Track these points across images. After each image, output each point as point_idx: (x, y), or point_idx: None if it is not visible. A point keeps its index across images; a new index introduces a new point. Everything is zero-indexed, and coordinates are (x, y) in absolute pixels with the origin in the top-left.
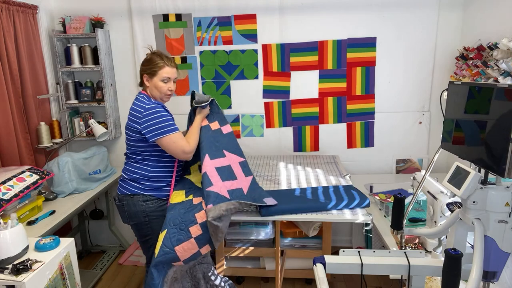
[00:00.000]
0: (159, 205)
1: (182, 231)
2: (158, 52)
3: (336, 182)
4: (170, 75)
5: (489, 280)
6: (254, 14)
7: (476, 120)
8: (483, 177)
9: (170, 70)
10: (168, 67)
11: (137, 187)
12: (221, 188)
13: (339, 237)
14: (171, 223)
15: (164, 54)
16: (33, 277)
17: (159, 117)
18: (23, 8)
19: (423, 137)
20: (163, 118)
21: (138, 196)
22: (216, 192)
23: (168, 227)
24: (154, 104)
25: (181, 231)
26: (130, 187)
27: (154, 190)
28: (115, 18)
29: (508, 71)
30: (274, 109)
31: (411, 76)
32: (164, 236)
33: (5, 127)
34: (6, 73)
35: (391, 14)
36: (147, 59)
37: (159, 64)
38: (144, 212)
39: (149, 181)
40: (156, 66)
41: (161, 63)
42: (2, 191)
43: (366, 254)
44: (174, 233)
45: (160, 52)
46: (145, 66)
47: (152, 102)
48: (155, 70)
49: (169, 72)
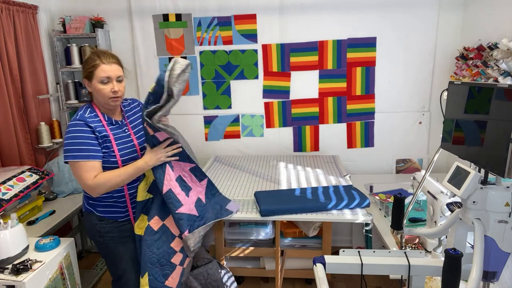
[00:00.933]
0: (115, 226)
1: (166, 266)
2: (97, 50)
3: (336, 182)
4: (110, 73)
5: (489, 280)
6: (254, 14)
7: (476, 120)
8: (483, 177)
9: (108, 67)
10: (104, 65)
11: (92, 204)
12: (190, 206)
13: (339, 237)
14: (148, 264)
15: (103, 50)
16: (33, 277)
17: (73, 137)
18: (23, 8)
19: (423, 137)
20: (77, 140)
21: (92, 215)
22: (187, 214)
23: (148, 269)
24: (74, 122)
25: (164, 267)
26: (86, 204)
27: (107, 212)
28: (115, 18)
29: (508, 71)
30: (274, 109)
31: (411, 76)
32: (149, 279)
33: (5, 127)
34: (6, 73)
35: (391, 14)
36: (84, 60)
37: (93, 63)
38: (99, 232)
39: (100, 202)
40: (91, 66)
41: (96, 61)
42: (2, 191)
43: (366, 254)
44: (158, 271)
45: (100, 50)
46: (83, 70)
47: (77, 118)
48: (91, 70)
49: (106, 70)
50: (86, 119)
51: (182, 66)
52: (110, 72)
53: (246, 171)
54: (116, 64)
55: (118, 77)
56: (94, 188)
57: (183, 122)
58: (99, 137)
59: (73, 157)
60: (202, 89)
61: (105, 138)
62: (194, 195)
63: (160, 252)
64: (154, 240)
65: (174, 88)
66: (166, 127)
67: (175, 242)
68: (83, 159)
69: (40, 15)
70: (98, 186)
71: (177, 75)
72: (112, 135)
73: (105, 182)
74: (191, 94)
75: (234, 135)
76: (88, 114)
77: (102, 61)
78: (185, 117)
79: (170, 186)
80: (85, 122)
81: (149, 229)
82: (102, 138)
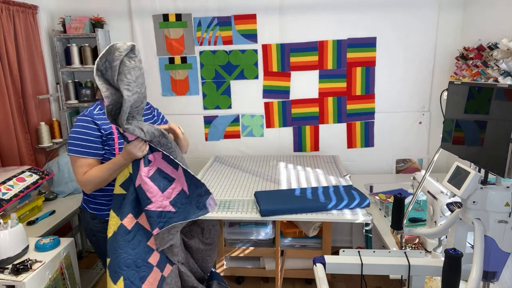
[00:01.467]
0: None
1: (143, 267)
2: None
3: (336, 182)
4: None
5: (489, 280)
6: (254, 14)
7: (476, 120)
8: (483, 177)
9: None
10: None
11: (86, 201)
12: (163, 202)
13: (339, 237)
14: (124, 267)
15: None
16: (33, 277)
17: (76, 132)
18: (23, 8)
19: (423, 137)
20: (79, 136)
21: (86, 213)
22: (158, 211)
23: (123, 272)
24: (82, 117)
25: (141, 268)
26: (82, 201)
27: (98, 210)
28: (115, 18)
29: (508, 71)
30: (274, 109)
31: (411, 76)
32: (124, 284)
33: (5, 127)
34: (6, 73)
35: (391, 14)
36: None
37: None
38: (92, 231)
39: (90, 198)
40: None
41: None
42: (2, 191)
43: (366, 254)
44: (134, 274)
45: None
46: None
47: (86, 114)
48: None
49: None
50: (93, 115)
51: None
52: None
53: (246, 171)
54: None
55: None
56: (84, 185)
57: (183, 122)
58: (104, 135)
59: (72, 151)
60: (202, 89)
61: (110, 135)
62: (178, 186)
63: (136, 252)
64: (128, 240)
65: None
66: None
67: (151, 241)
68: (81, 155)
69: (40, 15)
70: (87, 182)
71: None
72: (117, 133)
73: (92, 179)
74: (191, 94)
75: (234, 135)
76: (97, 111)
77: None
78: (185, 117)
79: (141, 182)
80: (92, 119)
81: (122, 229)
82: (107, 136)
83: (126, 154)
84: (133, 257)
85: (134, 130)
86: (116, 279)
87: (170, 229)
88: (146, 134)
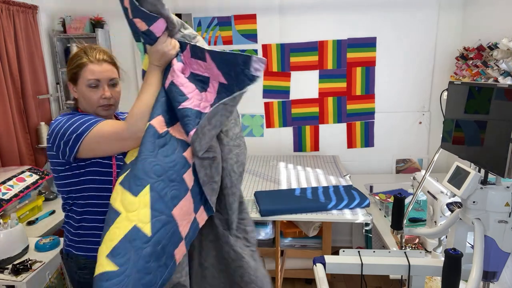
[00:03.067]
0: None
1: (175, 183)
2: (85, 46)
3: (336, 182)
4: (99, 75)
5: (489, 280)
6: (254, 14)
7: (476, 120)
8: (483, 177)
9: (97, 67)
10: (93, 64)
11: (70, 240)
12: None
13: (339, 237)
14: (151, 174)
15: (93, 46)
16: (33, 277)
17: (69, 119)
18: (23, 8)
19: (423, 137)
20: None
21: (70, 259)
22: (196, 110)
23: (150, 181)
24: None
25: (174, 184)
26: (64, 244)
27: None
28: (115, 18)
29: (508, 71)
30: (274, 109)
31: (411, 76)
32: (151, 197)
33: (5, 127)
34: (6, 73)
35: (391, 14)
36: (69, 58)
37: (79, 61)
38: (79, 284)
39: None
40: (76, 66)
41: (83, 58)
42: (2, 191)
43: (366, 254)
44: (164, 188)
45: (89, 45)
46: (67, 70)
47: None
48: (76, 71)
49: (95, 71)
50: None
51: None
52: (100, 74)
53: (246, 171)
54: (108, 64)
55: (111, 79)
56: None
57: None
58: None
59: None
60: None
61: None
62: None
63: (171, 160)
64: (159, 145)
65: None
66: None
67: (188, 152)
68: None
69: (40, 15)
70: (134, 120)
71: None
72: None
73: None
74: None
75: None
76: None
77: (90, 60)
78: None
79: (173, 77)
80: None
81: (152, 130)
82: None
83: (157, 58)
84: (164, 164)
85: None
86: (138, 189)
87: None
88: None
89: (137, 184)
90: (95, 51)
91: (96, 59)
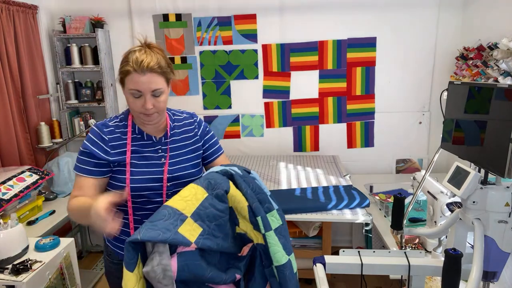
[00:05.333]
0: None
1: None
2: (134, 49)
3: (336, 182)
4: (141, 87)
5: (489, 280)
6: (254, 14)
7: (476, 120)
8: (483, 177)
9: (140, 78)
10: (136, 74)
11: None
12: None
13: (339, 237)
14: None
15: (145, 50)
16: (33, 277)
17: (82, 145)
18: (23, 8)
19: (423, 137)
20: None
21: (105, 244)
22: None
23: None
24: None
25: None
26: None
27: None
28: (115, 18)
29: (508, 71)
30: (274, 109)
31: (411, 76)
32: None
33: (5, 127)
34: (6, 73)
35: (391, 14)
36: (123, 55)
37: (124, 67)
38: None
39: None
40: (121, 71)
41: (127, 66)
42: (2, 191)
43: (366, 254)
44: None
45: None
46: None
47: (99, 124)
48: (122, 77)
49: (137, 82)
50: (103, 128)
51: None
52: (142, 85)
53: None
54: (153, 73)
55: (154, 91)
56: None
57: None
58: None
59: (75, 167)
60: (202, 89)
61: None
62: None
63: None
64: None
65: None
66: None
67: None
68: (78, 172)
69: (40, 15)
70: (69, 209)
71: None
72: (131, 151)
73: (70, 208)
74: (191, 94)
75: (234, 135)
76: (113, 122)
77: (134, 68)
78: None
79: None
80: (101, 133)
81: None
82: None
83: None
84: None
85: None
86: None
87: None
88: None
89: None
90: (143, 57)
91: (140, 68)
